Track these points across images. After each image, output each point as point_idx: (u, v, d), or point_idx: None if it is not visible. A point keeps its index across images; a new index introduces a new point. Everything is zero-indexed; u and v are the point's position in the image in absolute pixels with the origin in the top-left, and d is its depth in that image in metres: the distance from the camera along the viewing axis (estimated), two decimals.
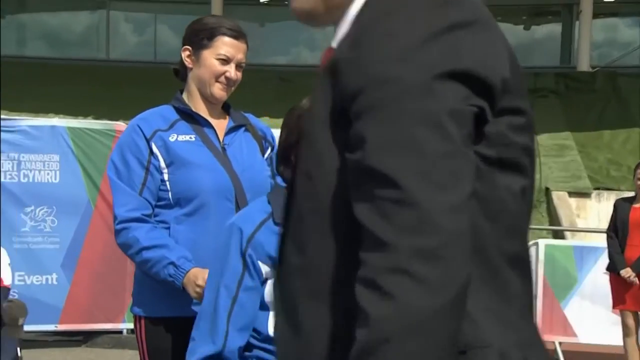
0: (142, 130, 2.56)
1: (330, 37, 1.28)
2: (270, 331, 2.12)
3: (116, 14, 17.14)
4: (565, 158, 12.89)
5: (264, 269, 2.15)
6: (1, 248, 5.13)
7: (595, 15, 15.86)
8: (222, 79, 2.59)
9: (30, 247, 6.78)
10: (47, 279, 6.84)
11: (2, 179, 6.55)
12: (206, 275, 2.39)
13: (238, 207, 2.52)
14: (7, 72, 11.03)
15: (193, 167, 2.53)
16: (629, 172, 12.70)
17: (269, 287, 2.16)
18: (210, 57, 2.58)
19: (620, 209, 6.33)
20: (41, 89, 12.36)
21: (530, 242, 7.57)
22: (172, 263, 2.43)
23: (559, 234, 10.03)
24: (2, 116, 6.95)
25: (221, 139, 2.63)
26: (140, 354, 2.61)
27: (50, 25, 16.78)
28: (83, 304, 6.92)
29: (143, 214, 2.52)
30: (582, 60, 15.59)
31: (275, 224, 2.17)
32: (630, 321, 6.27)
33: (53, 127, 6.88)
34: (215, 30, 2.57)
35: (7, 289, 5.24)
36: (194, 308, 2.49)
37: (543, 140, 12.78)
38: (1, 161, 6.52)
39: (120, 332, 7.10)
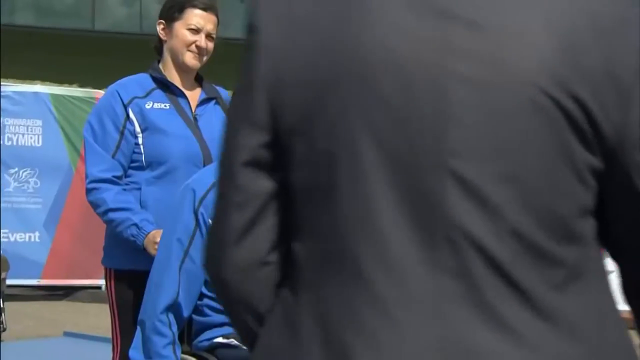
0: (120, 96, 2.62)
1: None
2: None
3: None
4: None
5: None
6: None
7: None
8: (193, 47, 2.66)
9: (14, 207, 6.83)
10: (30, 236, 6.90)
11: None
12: None
13: None
14: None
15: (166, 134, 2.61)
16: None
17: None
18: (181, 28, 2.66)
19: None
20: (27, 57, 12.26)
21: None
22: (135, 224, 2.52)
23: None
24: None
25: (193, 110, 2.71)
26: (109, 302, 2.72)
27: None
28: (64, 261, 6.97)
29: (114, 176, 2.60)
30: None
31: None
32: None
33: (36, 93, 6.92)
34: (185, 3, 2.65)
35: None
36: None
37: None
38: None
39: (99, 287, 7.05)
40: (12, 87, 7.15)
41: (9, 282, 5.73)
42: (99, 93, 6.83)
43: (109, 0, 16.93)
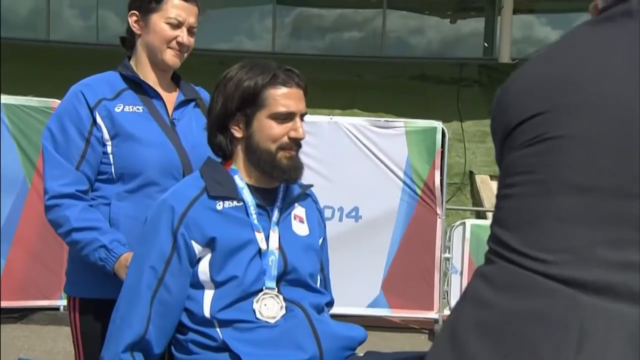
0: (85, 98, 2.20)
1: (266, 28, 0.98)
2: (207, 312, 1.84)
3: None
4: (487, 144, 12.86)
5: (197, 248, 1.86)
6: None
7: (515, 11, 15.92)
8: (174, 44, 2.26)
9: None
10: None
11: None
12: None
13: None
14: None
15: (139, 141, 2.20)
16: None
17: (202, 265, 1.87)
18: (159, 22, 2.25)
19: None
20: None
21: (457, 222, 7.46)
22: (103, 246, 2.11)
23: (481, 214, 9.96)
24: None
25: (170, 113, 2.30)
26: (72, 334, 2.29)
27: None
28: (19, 281, 6.47)
29: (78, 190, 2.17)
30: (504, 52, 15.64)
31: (210, 197, 1.89)
32: None
33: None
34: None
35: None
36: None
37: (467, 127, 12.74)
38: None
39: (57, 308, 6.66)
40: None
41: None
42: (56, 102, 6.35)
43: (64, 12, 16.58)
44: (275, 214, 1.94)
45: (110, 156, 2.20)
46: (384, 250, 6.53)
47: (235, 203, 1.90)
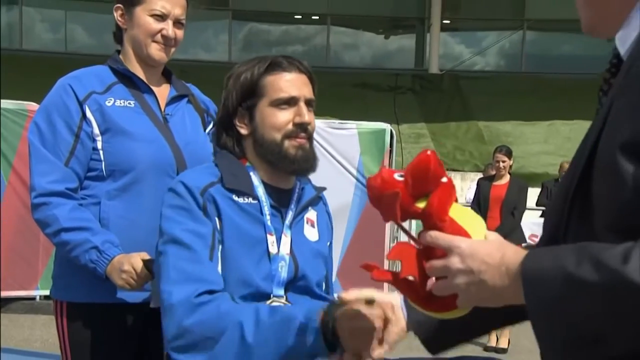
0: (74, 91, 1.83)
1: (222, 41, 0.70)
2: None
3: (30, 12, 15.79)
4: (421, 144, 12.82)
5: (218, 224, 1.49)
6: None
7: (442, 28, 15.93)
8: (159, 37, 1.91)
9: None
10: None
11: None
12: (133, 261, 1.73)
13: None
14: None
15: (131, 136, 1.84)
16: (470, 156, 12.76)
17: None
18: (143, 15, 1.90)
19: (483, 186, 6.09)
20: None
21: None
22: (95, 247, 1.75)
23: None
24: None
25: (162, 108, 1.94)
26: (60, 340, 1.91)
27: None
28: None
29: (67, 188, 1.80)
30: (433, 64, 15.62)
31: (225, 188, 1.52)
32: None
33: None
34: None
35: None
36: (120, 295, 1.83)
37: (403, 129, 12.64)
38: None
39: (34, 298, 6.25)
40: None
41: None
42: (31, 105, 5.90)
43: (36, 26, 15.95)
44: (289, 216, 1.59)
45: (100, 152, 1.84)
46: (339, 240, 6.31)
47: (250, 200, 1.54)
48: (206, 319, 1.36)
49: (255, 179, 1.58)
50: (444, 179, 1.03)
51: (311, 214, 1.67)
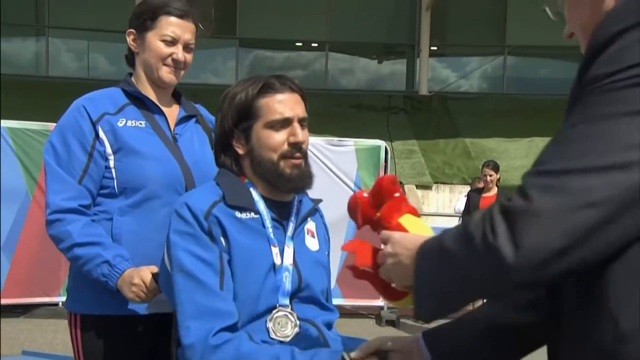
0: (87, 112, 1.77)
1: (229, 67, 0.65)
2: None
3: (57, 43, 15.83)
4: (412, 159, 12.77)
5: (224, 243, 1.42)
6: None
7: (431, 54, 15.93)
8: (169, 61, 1.85)
9: None
10: None
11: None
12: (143, 274, 1.65)
13: None
14: None
15: (142, 155, 1.77)
16: (458, 171, 12.71)
17: None
18: (154, 40, 1.84)
19: (472, 197, 6.05)
20: None
21: None
22: (106, 262, 1.68)
23: None
24: None
25: (172, 128, 1.88)
26: (74, 351, 1.82)
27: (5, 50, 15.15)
28: (22, 281, 5.94)
29: (80, 205, 1.73)
30: (422, 87, 15.61)
31: (227, 206, 1.45)
32: None
33: None
34: (158, 9, 1.83)
35: None
36: (131, 307, 1.75)
37: (396, 146, 12.59)
38: None
39: (56, 304, 6.15)
40: None
41: None
42: (53, 126, 5.86)
43: (61, 55, 16.01)
44: (291, 228, 1.52)
45: (113, 170, 1.77)
46: (338, 249, 6.20)
47: (252, 215, 1.47)
48: None
49: (255, 194, 1.51)
50: (397, 194, 1.18)
51: (310, 225, 1.60)
